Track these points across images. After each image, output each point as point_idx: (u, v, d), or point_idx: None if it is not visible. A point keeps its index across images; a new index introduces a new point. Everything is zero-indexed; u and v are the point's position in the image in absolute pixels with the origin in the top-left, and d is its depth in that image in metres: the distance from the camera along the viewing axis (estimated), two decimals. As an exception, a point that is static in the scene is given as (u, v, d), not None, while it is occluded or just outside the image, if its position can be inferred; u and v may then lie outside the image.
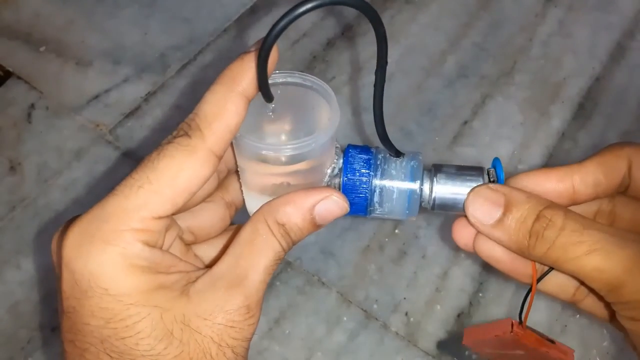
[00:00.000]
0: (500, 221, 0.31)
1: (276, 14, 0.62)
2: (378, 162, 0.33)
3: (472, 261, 0.49)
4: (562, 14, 0.63)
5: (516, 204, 0.31)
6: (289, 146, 0.30)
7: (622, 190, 0.33)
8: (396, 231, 0.51)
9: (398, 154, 0.34)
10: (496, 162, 0.33)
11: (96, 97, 0.58)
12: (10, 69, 0.59)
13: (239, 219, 0.34)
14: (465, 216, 0.32)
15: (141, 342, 0.25)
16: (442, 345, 0.46)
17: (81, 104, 0.57)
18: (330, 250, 0.50)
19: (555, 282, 0.34)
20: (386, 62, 0.29)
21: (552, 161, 0.54)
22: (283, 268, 0.49)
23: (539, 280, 0.33)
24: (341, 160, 0.33)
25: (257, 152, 0.30)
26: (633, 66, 0.60)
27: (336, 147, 0.33)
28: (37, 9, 0.63)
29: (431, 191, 0.33)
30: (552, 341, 0.35)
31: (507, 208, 0.31)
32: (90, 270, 0.25)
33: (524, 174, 0.33)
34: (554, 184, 0.32)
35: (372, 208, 0.34)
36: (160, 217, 0.26)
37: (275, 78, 0.32)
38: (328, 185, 0.33)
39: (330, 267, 0.49)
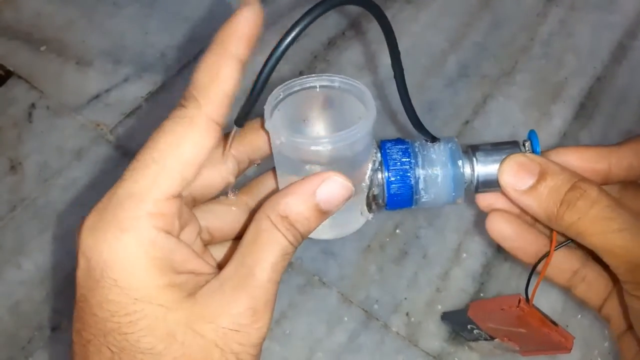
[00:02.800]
0: (533, 188, 0.31)
1: (276, 13, 0.62)
2: (416, 150, 0.33)
3: (472, 261, 0.49)
4: (563, 14, 0.63)
5: (551, 173, 0.31)
6: (330, 138, 0.29)
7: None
8: (397, 231, 0.51)
9: (434, 139, 0.33)
10: (532, 134, 0.33)
11: (97, 96, 0.58)
12: (11, 69, 0.59)
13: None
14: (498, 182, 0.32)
15: (142, 339, 0.24)
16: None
17: (82, 104, 0.57)
18: (331, 250, 0.50)
19: (554, 264, 0.35)
20: (399, 52, 0.29)
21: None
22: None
23: (557, 248, 0.34)
24: (379, 154, 0.33)
25: (299, 151, 0.29)
26: (634, 66, 0.60)
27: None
28: (38, 8, 0.63)
29: (473, 170, 0.33)
30: (555, 324, 0.36)
31: (541, 176, 0.31)
32: (104, 259, 0.25)
33: (561, 148, 0.34)
34: (591, 162, 0.33)
35: (418, 197, 0.33)
36: (173, 197, 0.25)
37: (302, 84, 0.32)
38: (370, 181, 0.33)
39: (331, 267, 0.49)
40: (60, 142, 0.55)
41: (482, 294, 0.48)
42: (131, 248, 0.25)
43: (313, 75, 0.32)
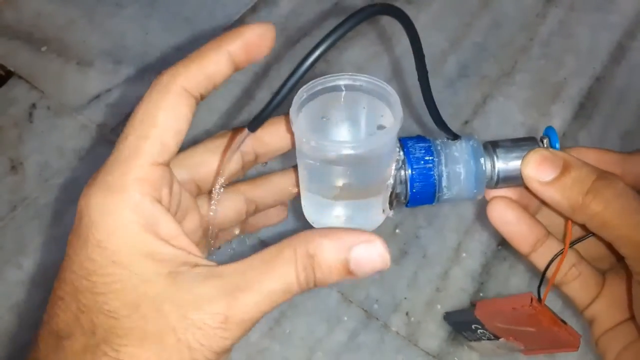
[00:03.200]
0: (556, 179, 0.32)
1: (276, 14, 0.62)
2: (438, 148, 0.33)
3: (472, 261, 0.49)
4: (562, 14, 0.63)
5: (575, 166, 0.32)
6: (357, 143, 0.29)
7: None
8: (397, 231, 0.51)
9: (456, 136, 0.34)
10: (551, 130, 0.34)
11: (97, 96, 0.58)
12: (12, 69, 0.59)
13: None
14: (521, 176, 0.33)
15: (110, 302, 0.24)
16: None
17: (82, 104, 0.57)
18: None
19: (550, 258, 0.35)
20: (423, 55, 0.29)
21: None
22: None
23: (573, 243, 0.34)
24: (402, 153, 0.33)
25: (325, 154, 0.30)
26: (634, 66, 0.60)
27: None
28: (38, 8, 0.63)
29: (493, 167, 0.33)
30: (564, 322, 0.36)
31: (565, 168, 0.32)
32: (92, 219, 0.25)
33: (580, 148, 0.35)
34: (607, 165, 0.33)
35: (440, 194, 0.33)
36: (157, 164, 0.26)
37: (323, 83, 0.32)
38: (394, 180, 0.33)
39: (330, 267, 0.49)
40: (60, 142, 0.55)
41: (481, 294, 0.48)
42: (117, 210, 0.25)
43: (336, 74, 0.32)
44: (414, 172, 0.33)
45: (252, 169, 0.35)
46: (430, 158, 0.33)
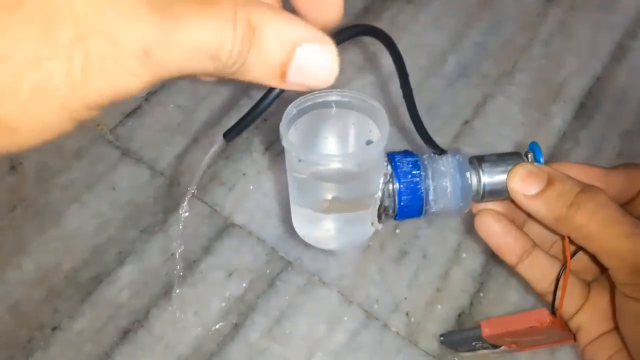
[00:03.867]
0: (541, 192, 0.32)
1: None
2: (425, 163, 0.34)
3: (472, 261, 0.49)
4: (563, 14, 0.63)
5: (559, 180, 0.32)
6: (343, 157, 0.30)
7: (624, 203, 0.35)
8: (397, 231, 0.51)
9: (442, 151, 0.34)
10: (534, 145, 0.35)
11: (97, 96, 0.58)
12: (11, 69, 0.59)
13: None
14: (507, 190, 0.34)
15: None
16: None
17: (82, 104, 0.57)
18: (331, 249, 0.50)
19: (539, 271, 0.36)
20: (406, 74, 0.30)
21: (553, 161, 0.54)
22: (284, 267, 0.49)
23: (571, 256, 0.35)
24: (389, 167, 0.34)
25: (314, 168, 0.30)
26: (634, 66, 0.60)
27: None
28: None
29: (479, 180, 0.34)
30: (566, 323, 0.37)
31: (550, 182, 0.32)
32: None
33: (563, 163, 0.35)
34: (590, 179, 0.34)
35: (428, 207, 0.34)
36: None
37: (313, 99, 0.32)
38: (382, 193, 0.33)
39: (330, 267, 0.49)
40: (60, 142, 0.55)
41: (481, 294, 0.48)
42: None
43: (325, 90, 0.32)
44: (401, 186, 0.33)
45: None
46: (418, 172, 0.34)
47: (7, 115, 0.17)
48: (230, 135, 0.27)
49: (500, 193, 0.34)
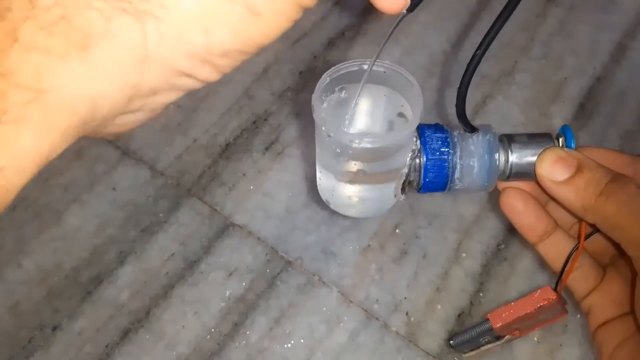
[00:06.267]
0: (570, 179, 0.32)
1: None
2: (455, 140, 0.34)
3: (472, 261, 0.49)
4: (563, 14, 0.63)
5: (588, 167, 0.32)
6: (375, 139, 0.29)
7: None
8: (397, 231, 0.51)
9: (473, 129, 0.34)
10: (567, 129, 0.34)
11: (97, 96, 0.58)
12: (11, 69, 0.59)
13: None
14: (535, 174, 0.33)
15: None
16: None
17: (82, 104, 0.57)
18: (331, 249, 0.50)
19: (558, 248, 0.36)
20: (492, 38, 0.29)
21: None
22: (284, 267, 0.49)
23: (585, 238, 0.35)
24: (419, 142, 0.33)
25: (345, 144, 0.30)
26: (634, 66, 0.60)
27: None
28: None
29: (507, 161, 0.34)
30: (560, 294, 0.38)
31: (579, 169, 0.32)
32: None
33: (594, 148, 0.35)
34: (621, 167, 0.34)
35: (452, 185, 0.34)
36: None
37: (347, 67, 0.32)
38: (408, 168, 0.33)
39: (330, 267, 0.49)
40: (60, 142, 0.55)
41: (481, 294, 0.48)
42: None
43: (360, 59, 0.32)
44: (428, 163, 0.33)
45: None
46: (446, 150, 0.33)
47: (255, 2, 0.20)
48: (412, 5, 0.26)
49: (527, 175, 0.34)
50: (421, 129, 0.34)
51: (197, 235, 0.50)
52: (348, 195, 0.35)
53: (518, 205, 0.36)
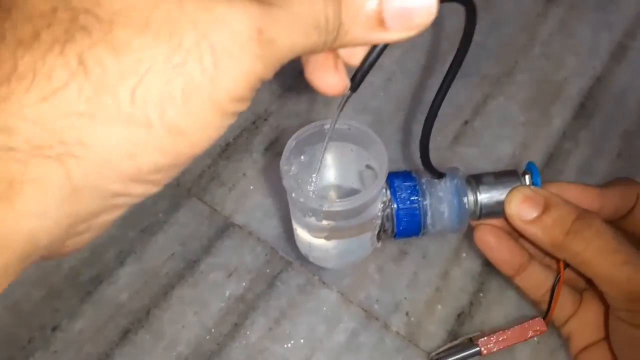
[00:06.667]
0: (538, 218, 0.33)
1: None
2: (424, 188, 0.35)
3: (472, 261, 0.49)
4: (563, 14, 0.63)
5: (555, 205, 0.33)
6: (343, 202, 0.31)
7: (618, 218, 0.37)
8: (397, 231, 0.51)
9: (440, 175, 0.35)
10: (532, 166, 0.35)
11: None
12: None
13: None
14: (504, 212, 0.35)
15: None
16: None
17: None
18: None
19: (534, 280, 0.38)
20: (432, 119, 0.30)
21: (553, 161, 0.54)
22: (284, 267, 0.49)
23: (565, 267, 0.36)
24: (389, 192, 0.34)
25: (313, 207, 0.31)
26: (634, 66, 0.60)
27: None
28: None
29: (476, 202, 0.36)
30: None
31: (546, 207, 0.33)
32: None
33: (561, 183, 0.36)
34: (588, 200, 0.35)
35: (425, 230, 0.35)
36: None
37: (312, 129, 0.33)
38: (381, 218, 0.34)
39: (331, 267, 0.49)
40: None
41: (481, 294, 0.48)
42: None
43: (323, 120, 0.33)
44: (400, 212, 0.34)
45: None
46: (416, 198, 0.34)
47: (173, 120, 0.19)
48: (354, 85, 0.26)
49: (497, 213, 0.35)
50: (390, 179, 0.35)
51: (197, 235, 0.50)
52: (325, 249, 0.36)
53: (491, 242, 0.37)
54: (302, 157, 0.32)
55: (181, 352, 0.45)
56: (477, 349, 0.39)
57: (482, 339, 0.39)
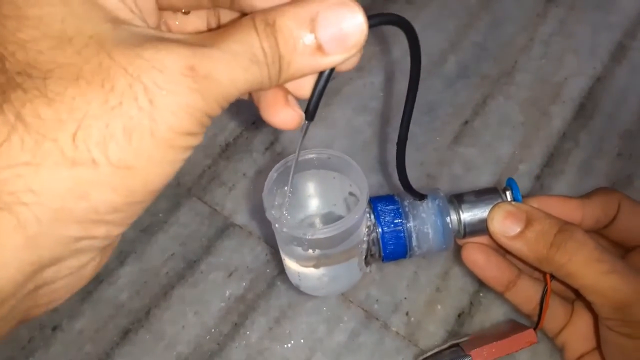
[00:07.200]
0: (521, 233, 0.33)
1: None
2: (407, 210, 0.35)
3: (472, 261, 0.49)
4: (563, 14, 0.63)
5: (537, 219, 0.33)
6: (325, 229, 0.31)
7: (601, 228, 0.37)
8: (397, 231, 0.51)
9: (422, 197, 0.35)
10: (512, 182, 0.36)
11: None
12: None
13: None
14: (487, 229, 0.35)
15: (26, 30, 0.20)
16: None
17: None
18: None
19: (524, 294, 0.38)
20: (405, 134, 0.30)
21: (553, 161, 0.54)
22: (284, 267, 0.49)
23: (552, 279, 0.36)
24: (372, 216, 0.34)
25: (297, 237, 0.31)
26: (634, 66, 0.60)
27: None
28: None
29: (460, 221, 0.36)
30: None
31: (528, 222, 0.33)
32: None
33: (542, 196, 0.36)
34: (568, 211, 0.35)
35: (412, 252, 0.35)
36: None
37: (287, 162, 0.33)
38: (366, 243, 0.35)
39: (330, 267, 0.49)
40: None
41: (481, 294, 0.48)
42: None
43: (306, 150, 0.33)
44: (385, 235, 0.35)
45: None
46: (400, 220, 0.35)
47: (118, 157, 0.19)
48: (310, 114, 0.26)
49: (481, 231, 0.35)
50: (373, 203, 0.35)
51: (197, 235, 0.50)
52: (315, 277, 0.36)
53: (480, 260, 0.37)
54: (285, 188, 0.33)
55: (181, 352, 0.45)
56: (460, 353, 0.40)
57: (475, 350, 0.39)
